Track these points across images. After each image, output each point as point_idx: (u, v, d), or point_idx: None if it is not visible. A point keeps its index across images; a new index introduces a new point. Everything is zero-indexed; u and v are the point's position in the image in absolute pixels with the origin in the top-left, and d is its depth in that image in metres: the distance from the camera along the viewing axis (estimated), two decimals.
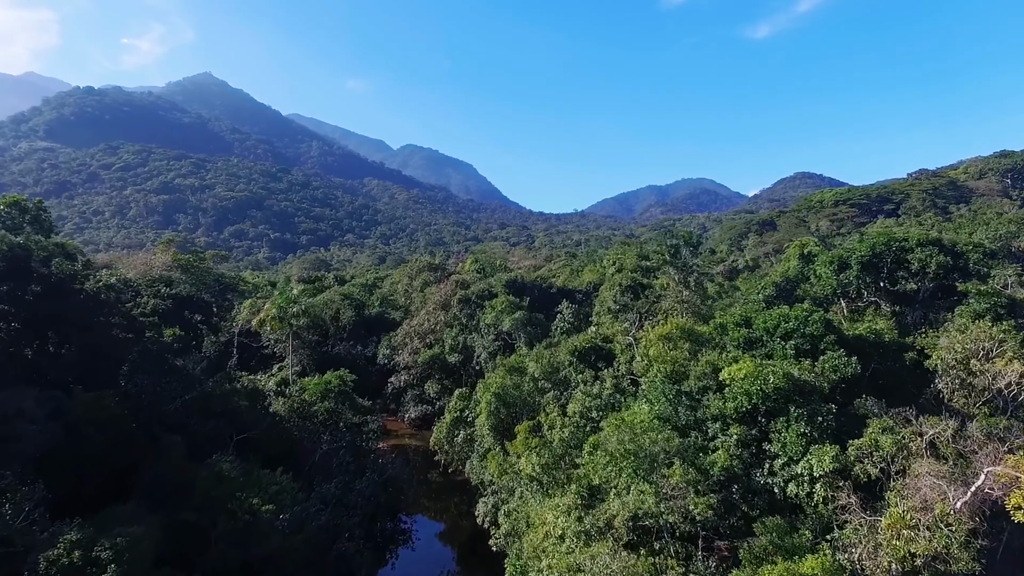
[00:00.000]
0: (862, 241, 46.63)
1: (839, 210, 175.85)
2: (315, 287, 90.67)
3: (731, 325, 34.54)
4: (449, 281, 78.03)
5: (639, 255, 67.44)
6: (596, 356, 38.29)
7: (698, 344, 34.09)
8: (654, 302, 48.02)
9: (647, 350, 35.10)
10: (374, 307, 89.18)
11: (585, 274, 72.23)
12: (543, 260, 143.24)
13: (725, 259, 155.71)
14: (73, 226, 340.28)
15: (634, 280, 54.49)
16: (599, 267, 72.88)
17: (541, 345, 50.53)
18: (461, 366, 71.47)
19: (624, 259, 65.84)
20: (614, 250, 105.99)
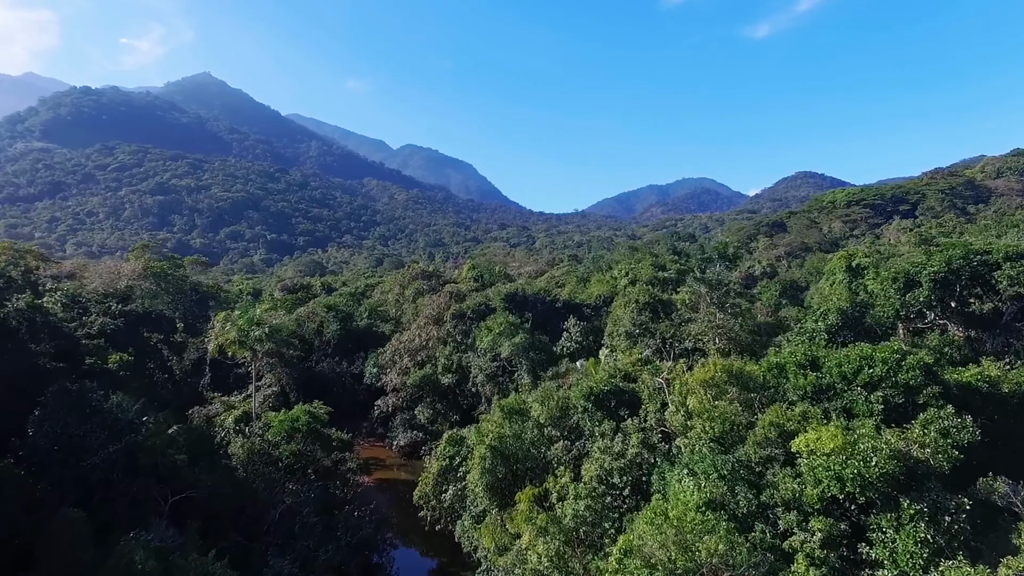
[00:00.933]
0: (935, 254, 38.90)
1: (852, 211, 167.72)
2: (298, 297, 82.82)
3: (792, 367, 26.72)
4: (443, 292, 70.17)
5: (654, 264, 59.50)
6: (617, 401, 30.49)
7: (750, 391, 26.25)
8: (680, 325, 40.15)
9: (683, 396, 27.28)
10: (362, 319, 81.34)
11: (593, 285, 64.29)
12: (545, 264, 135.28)
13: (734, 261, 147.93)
14: (66, 227, 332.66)
15: (652, 296, 46.58)
16: (608, 277, 64.94)
17: (546, 377, 42.74)
18: (456, 388, 63.69)
19: (638, 269, 57.99)
20: (625, 259, 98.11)
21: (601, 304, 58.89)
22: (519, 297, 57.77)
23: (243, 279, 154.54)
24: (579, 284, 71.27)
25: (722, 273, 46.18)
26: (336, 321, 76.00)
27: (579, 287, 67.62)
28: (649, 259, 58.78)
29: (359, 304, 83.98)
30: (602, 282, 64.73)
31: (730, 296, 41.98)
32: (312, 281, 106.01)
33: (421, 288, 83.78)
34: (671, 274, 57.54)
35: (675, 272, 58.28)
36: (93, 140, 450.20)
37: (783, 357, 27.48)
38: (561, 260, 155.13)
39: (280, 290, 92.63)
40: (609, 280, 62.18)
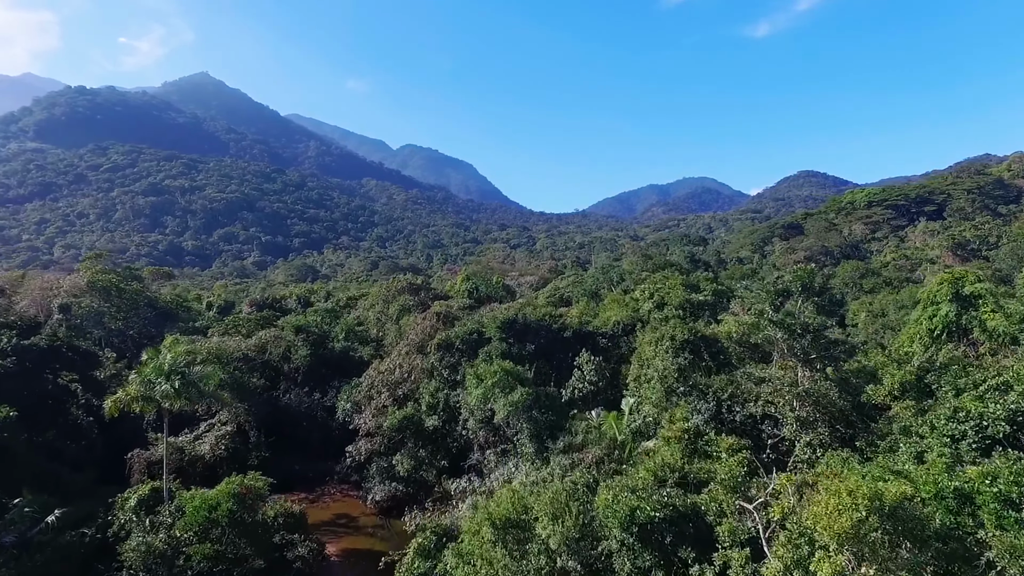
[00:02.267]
0: None
1: (873, 212, 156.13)
2: (263, 317, 71.19)
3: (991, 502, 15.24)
4: (429, 313, 58.53)
5: (685, 284, 47.83)
6: (675, 535, 18.95)
7: (922, 544, 14.79)
8: (743, 384, 28.61)
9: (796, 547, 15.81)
10: (338, 341, 69.72)
11: (609, 307, 52.63)
12: (547, 271, 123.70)
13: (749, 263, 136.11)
14: (56, 229, 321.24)
15: (692, 332, 34.97)
16: (628, 299, 53.30)
17: (555, 450, 31.23)
18: (443, 430, 52.13)
19: (667, 292, 46.37)
20: (636, 267, 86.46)
21: (620, 332, 47.27)
22: (518, 325, 46.20)
23: (222, 288, 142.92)
24: (589, 302, 59.51)
25: (807, 311, 34.59)
26: (306, 345, 64.39)
27: (589, 307, 55.92)
28: (677, 277, 47.14)
29: (334, 322, 72.47)
30: (619, 303, 53.08)
31: (819, 346, 29.88)
32: (287, 293, 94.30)
33: (407, 304, 72.20)
34: (707, 296, 45.97)
35: (711, 294, 46.64)
36: (87, 140, 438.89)
37: (969, 479, 15.99)
38: (564, 265, 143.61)
39: (249, 305, 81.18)
40: (629, 303, 50.49)
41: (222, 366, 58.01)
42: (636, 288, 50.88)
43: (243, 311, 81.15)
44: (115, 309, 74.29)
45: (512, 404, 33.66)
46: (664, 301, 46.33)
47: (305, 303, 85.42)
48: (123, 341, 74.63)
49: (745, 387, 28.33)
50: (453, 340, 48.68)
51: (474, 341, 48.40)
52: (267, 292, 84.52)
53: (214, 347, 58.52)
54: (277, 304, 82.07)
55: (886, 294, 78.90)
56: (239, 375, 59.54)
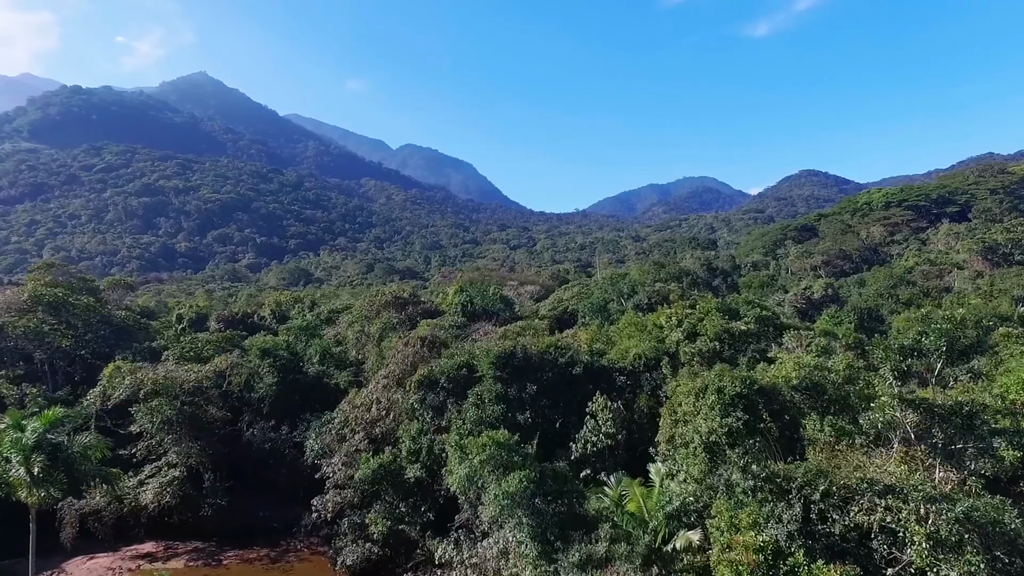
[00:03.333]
0: None
1: (891, 213, 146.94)
2: (230, 336, 62.07)
3: None
4: (412, 338, 49.40)
5: (722, 308, 38.61)
6: None
7: None
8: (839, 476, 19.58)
9: None
10: (313, 363, 60.69)
11: (625, 333, 43.56)
12: (548, 278, 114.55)
13: (764, 268, 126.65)
14: (46, 231, 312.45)
15: (748, 385, 26.04)
16: (648, 323, 44.15)
17: (570, 564, 22.34)
18: (427, 482, 43.13)
19: (701, 320, 37.17)
20: (648, 275, 77.29)
21: (641, 368, 38.18)
22: (517, 360, 37.11)
23: (205, 296, 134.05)
24: (600, 324, 50.31)
25: (955, 383, 25.42)
26: (273, 372, 55.32)
27: (601, 332, 46.79)
28: (711, 300, 38.00)
29: (310, 342, 63.43)
30: (638, 328, 43.96)
31: (973, 435, 20.40)
32: (268, 301, 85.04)
33: (391, 321, 63.11)
34: (749, 324, 36.85)
35: (754, 320, 37.50)
36: (82, 141, 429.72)
37: None
38: (566, 271, 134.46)
39: (217, 321, 72.16)
40: (651, 330, 41.34)
41: (169, 400, 49.13)
42: (660, 312, 41.54)
43: (211, 327, 72.12)
44: (64, 327, 65.26)
45: (507, 495, 24.62)
46: (696, 330, 37.22)
47: (281, 318, 76.29)
48: (71, 363, 65.67)
49: (843, 480, 19.28)
50: (437, 377, 39.63)
51: (463, 378, 39.34)
52: (238, 307, 75.06)
53: (161, 378, 49.46)
54: (249, 319, 73.03)
55: (932, 309, 69.78)
56: (192, 409, 50.55)
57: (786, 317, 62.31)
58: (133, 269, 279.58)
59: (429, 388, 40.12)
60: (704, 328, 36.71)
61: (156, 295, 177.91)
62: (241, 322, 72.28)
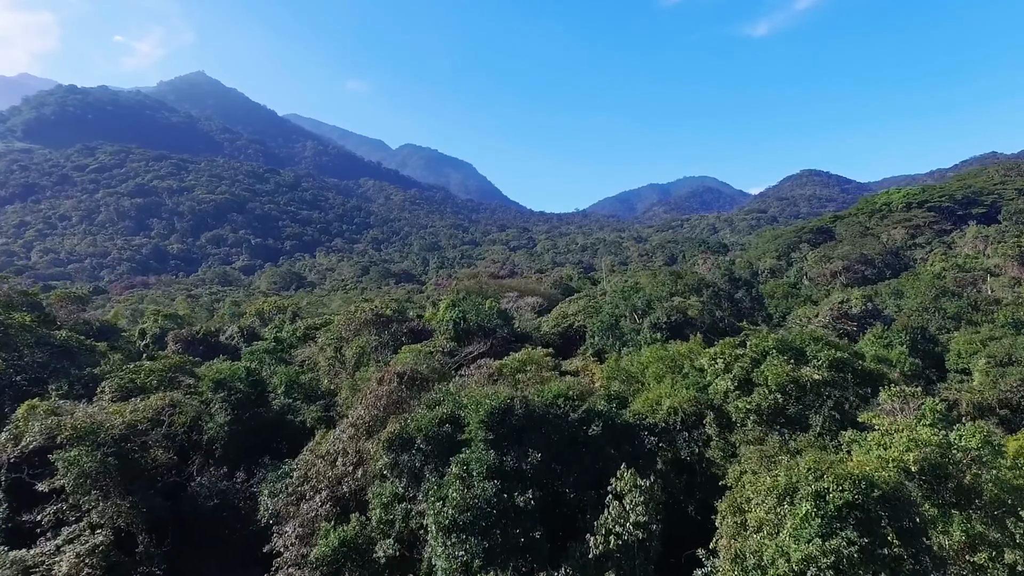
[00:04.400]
0: None
1: (913, 215, 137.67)
2: (181, 364, 52.71)
3: None
4: (389, 373, 40.06)
5: (783, 346, 29.20)
6: None
7: None
8: None
9: None
10: (278, 393, 51.41)
11: (653, 378, 34.19)
12: (551, 285, 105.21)
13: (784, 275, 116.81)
14: (35, 233, 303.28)
15: (863, 492, 16.72)
16: (678, 358, 34.83)
17: None
18: (403, 558, 33.86)
19: (757, 364, 27.85)
20: (665, 285, 67.99)
21: (678, 426, 28.89)
22: (515, 417, 27.84)
23: (184, 303, 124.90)
24: (617, 356, 40.88)
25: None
26: (227, 408, 46.02)
27: (619, 367, 37.43)
28: (768, 338, 28.78)
29: (278, 367, 54.18)
30: (668, 366, 34.64)
31: None
32: (231, 326, 75.42)
33: (370, 345, 53.88)
34: (822, 371, 27.49)
35: (827, 364, 28.16)
36: (77, 140, 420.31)
37: None
38: (570, 277, 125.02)
39: (175, 342, 62.85)
40: (688, 373, 31.99)
41: (91, 449, 39.92)
42: (698, 348, 32.05)
43: (170, 348, 62.87)
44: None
45: None
46: (750, 377, 27.92)
47: (250, 336, 66.92)
48: (1, 391, 56.34)
49: None
50: (412, 435, 30.32)
51: (445, 437, 30.07)
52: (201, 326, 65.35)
53: (81, 421, 40.20)
54: (213, 338, 63.75)
55: (991, 327, 60.55)
56: (122, 458, 41.29)
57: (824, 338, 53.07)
58: (123, 272, 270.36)
59: (402, 448, 30.81)
60: (762, 375, 27.37)
61: (138, 302, 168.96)
62: (203, 342, 62.96)
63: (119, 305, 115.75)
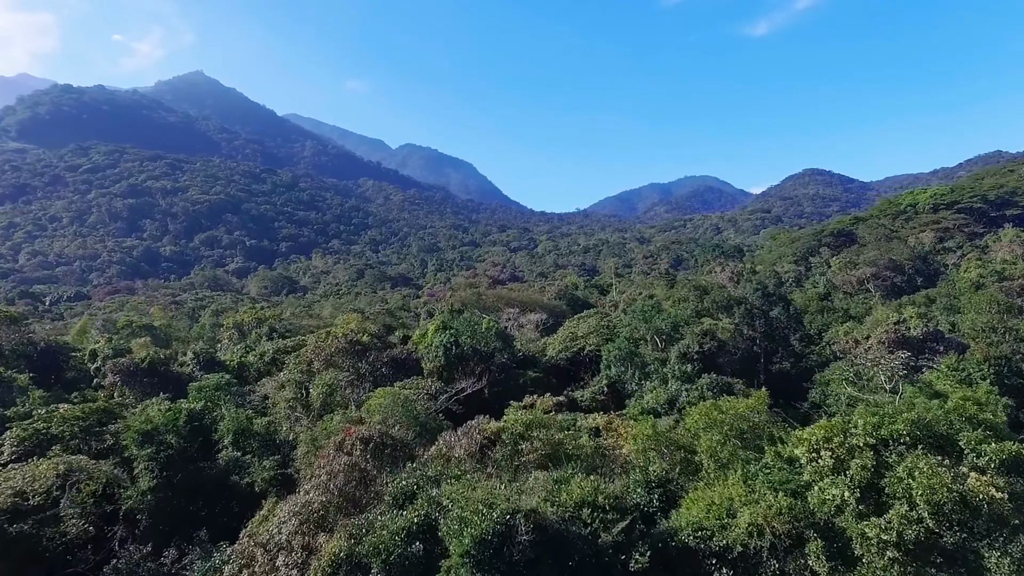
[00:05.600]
0: None
1: (942, 217, 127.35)
2: (110, 409, 42.74)
3: None
4: (349, 440, 30.00)
5: (920, 429, 19.35)
6: None
7: None
8: None
9: None
10: (225, 442, 41.35)
11: (712, 467, 24.05)
12: (555, 295, 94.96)
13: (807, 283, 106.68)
14: (24, 234, 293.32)
15: None
16: (742, 432, 24.75)
17: None
18: None
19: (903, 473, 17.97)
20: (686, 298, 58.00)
21: (763, 554, 18.88)
22: (520, 545, 18.01)
23: (161, 312, 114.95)
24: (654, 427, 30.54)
25: None
26: (154, 470, 36.13)
27: (659, 439, 27.31)
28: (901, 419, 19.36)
29: (228, 405, 44.25)
30: (731, 441, 24.62)
31: None
32: (181, 349, 65.11)
33: (340, 381, 43.88)
34: (996, 480, 17.54)
35: (995, 462, 18.11)
36: (72, 140, 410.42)
37: None
38: (575, 285, 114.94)
39: (114, 372, 52.77)
40: (775, 466, 21.91)
41: None
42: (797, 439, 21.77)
43: (106, 381, 52.94)
44: None
45: None
46: (879, 484, 17.96)
47: (207, 363, 56.85)
48: None
49: None
50: (367, 561, 20.31)
51: (414, 563, 20.02)
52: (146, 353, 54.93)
53: None
54: (162, 367, 53.73)
55: None
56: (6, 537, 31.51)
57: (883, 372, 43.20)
58: (112, 275, 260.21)
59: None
60: (899, 484, 17.35)
61: (118, 308, 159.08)
62: (150, 372, 52.87)
63: (84, 318, 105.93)
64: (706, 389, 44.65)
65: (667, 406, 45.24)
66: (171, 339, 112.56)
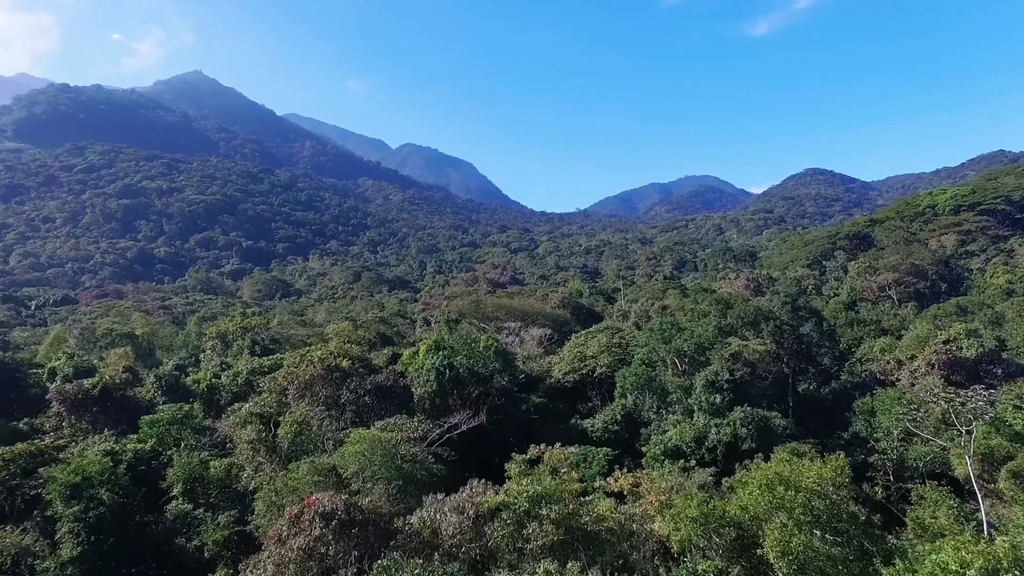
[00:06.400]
0: None
1: (963, 219, 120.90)
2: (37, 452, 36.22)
3: None
4: (307, 513, 23.57)
5: None
6: None
7: None
8: None
9: None
10: (175, 491, 34.75)
11: (782, 564, 17.38)
12: (558, 304, 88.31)
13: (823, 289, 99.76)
14: (16, 235, 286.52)
15: None
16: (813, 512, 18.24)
17: None
18: None
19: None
20: (707, 313, 51.66)
21: None
22: None
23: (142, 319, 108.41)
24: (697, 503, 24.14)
25: None
26: (80, 533, 29.65)
27: (708, 519, 20.90)
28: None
29: (186, 440, 37.67)
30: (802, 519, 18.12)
31: None
32: (144, 373, 57.76)
33: (312, 418, 37.34)
34: None
35: None
36: (68, 140, 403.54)
37: None
38: (580, 292, 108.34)
39: (59, 399, 45.98)
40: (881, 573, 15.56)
41: None
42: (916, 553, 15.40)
43: (52, 408, 46.40)
44: None
45: None
46: None
47: (169, 388, 50.20)
48: None
49: None
50: None
51: None
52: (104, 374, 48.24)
53: None
54: (118, 392, 47.00)
55: None
56: None
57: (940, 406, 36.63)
58: (105, 277, 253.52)
59: None
60: None
61: (104, 313, 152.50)
62: (102, 400, 46.27)
63: (57, 328, 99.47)
64: (740, 425, 38.14)
65: (694, 444, 38.77)
66: (154, 348, 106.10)
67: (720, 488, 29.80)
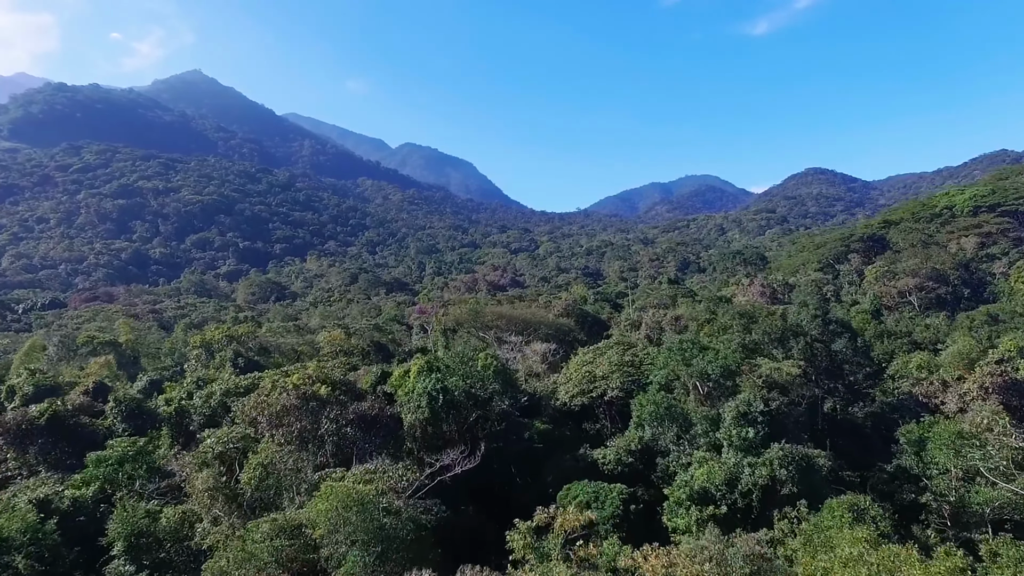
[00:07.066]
0: None
1: (983, 220, 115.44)
2: None
3: None
4: None
5: None
6: None
7: None
8: None
9: None
10: (116, 553, 29.30)
11: None
12: (562, 311, 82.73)
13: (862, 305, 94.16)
14: (9, 236, 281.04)
15: None
16: None
17: None
18: None
19: None
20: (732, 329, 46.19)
21: None
22: None
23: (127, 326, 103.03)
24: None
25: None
26: None
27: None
28: None
29: (137, 482, 32.29)
30: None
31: None
32: (117, 388, 52.29)
33: (281, 461, 31.91)
34: None
35: None
36: (65, 139, 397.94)
37: None
38: (584, 299, 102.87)
39: (3, 434, 40.66)
40: None
41: None
42: None
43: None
44: None
45: None
46: None
47: (130, 414, 44.64)
48: None
49: None
50: None
51: None
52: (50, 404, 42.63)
53: None
54: (71, 419, 41.45)
55: None
56: None
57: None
58: (98, 278, 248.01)
59: None
60: None
61: (93, 317, 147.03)
62: (51, 430, 40.82)
63: (34, 337, 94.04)
64: (778, 466, 32.69)
65: (725, 487, 33.31)
66: (139, 356, 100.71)
67: (773, 552, 24.37)
